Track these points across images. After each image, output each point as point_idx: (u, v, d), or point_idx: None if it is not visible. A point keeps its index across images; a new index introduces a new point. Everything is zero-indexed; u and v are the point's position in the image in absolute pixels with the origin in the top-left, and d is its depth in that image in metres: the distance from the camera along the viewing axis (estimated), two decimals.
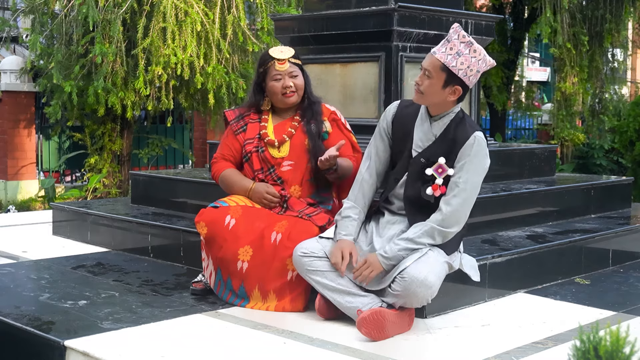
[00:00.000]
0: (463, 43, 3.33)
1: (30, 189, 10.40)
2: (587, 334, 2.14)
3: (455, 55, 3.32)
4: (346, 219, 3.56)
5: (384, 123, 3.61)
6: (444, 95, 3.37)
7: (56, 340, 3.20)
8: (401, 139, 3.54)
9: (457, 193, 3.36)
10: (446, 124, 3.44)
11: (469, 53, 3.33)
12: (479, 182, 3.41)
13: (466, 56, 3.32)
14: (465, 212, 3.40)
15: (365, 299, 3.44)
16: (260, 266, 3.73)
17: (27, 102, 10.55)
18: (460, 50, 3.32)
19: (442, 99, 3.38)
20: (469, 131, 3.39)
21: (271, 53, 3.98)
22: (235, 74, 8.89)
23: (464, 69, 3.32)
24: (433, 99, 3.40)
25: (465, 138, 3.38)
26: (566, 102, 11.47)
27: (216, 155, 4.12)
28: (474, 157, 3.36)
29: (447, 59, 3.32)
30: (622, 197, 5.69)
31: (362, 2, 5.03)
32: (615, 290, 4.21)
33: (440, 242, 3.38)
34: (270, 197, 3.91)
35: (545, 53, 19.34)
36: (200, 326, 3.45)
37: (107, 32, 8.38)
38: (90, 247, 5.22)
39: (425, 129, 3.48)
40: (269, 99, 4.03)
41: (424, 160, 3.44)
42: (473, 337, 3.36)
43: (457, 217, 3.37)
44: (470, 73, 3.35)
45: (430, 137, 3.46)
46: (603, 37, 11.22)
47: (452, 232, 3.38)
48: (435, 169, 3.41)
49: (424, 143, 3.47)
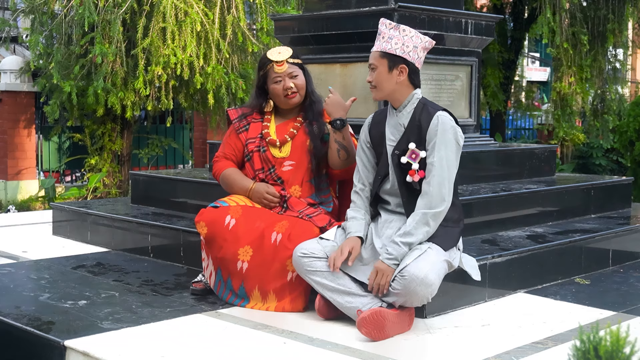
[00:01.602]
0: (391, 28, 3.56)
1: (30, 189, 10.40)
2: (587, 334, 2.13)
3: (387, 39, 3.55)
4: (352, 219, 3.61)
5: (363, 135, 3.74)
6: (393, 78, 3.53)
7: (56, 340, 3.20)
8: (379, 142, 3.66)
9: (435, 172, 3.43)
10: (410, 112, 3.56)
11: (399, 33, 3.54)
12: (452, 157, 3.48)
13: (397, 37, 3.54)
14: (448, 188, 3.45)
15: (365, 299, 3.44)
16: (260, 266, 3.73)
17: (27, 102, 10.55)
18: (390, 35, 3.55)
19: (393, 83, 3.54)
20: (432, 113, 3.52)
21: (269, 56, 3.98)
22: (234, 74, 8.89)
23: (400, 46, 3.52)
24: (387, 87, 3.55)
25: (429, 120, 3.50)
26: (562, 102, 11.46)
27: (218, 154, 4.11)
28: (441, 135, 3.46)
29: (383, 46, 3.55)
30: (622, 197, 5.69)
31: (362, 2, 5.03)
32: (615, 290, 4.21)
33: (435, 226, 3.41)
34: (270, 197, 3.91)
35: (545, 53, 19.33)
36: (200, 326, 3.45)
37: (107, 32, 8.38)
38: (90, 247, 5.22)
39: (393, 123, 3.60)
40: (273, 101, 4.04)
41: (398, 152, 3.54)
42: (473, 337, 3.36)
43: (441, 195, 3.41)
44: (408, 49, 3.52)
45: (399, 129, 3.57)
46: (605, 37, 11.21)
47: (441, 211, 3.41)
48: (409, 155, 3.51)
49: (395, 136, 3.59)
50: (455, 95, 5.30)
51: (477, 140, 5.43)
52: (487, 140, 5.60)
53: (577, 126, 12.85)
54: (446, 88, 5.25)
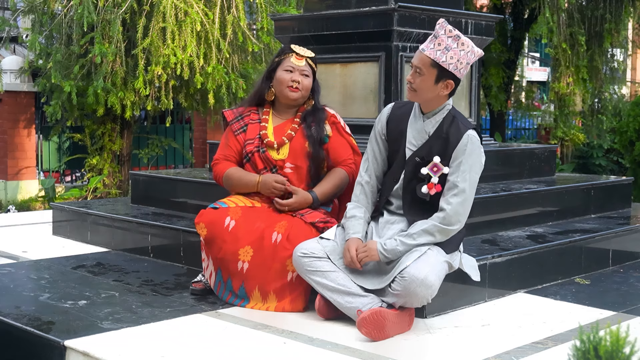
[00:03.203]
0: (450, 37, 3.37)
1: (30, 189, 10.40)
2: (587, 334, 2.13)
3: (444, 50, 3.36)
4: (352, 218, 3.58)
5: (379, 125, 3.64)
6: (437, 90, 3.42)
7: (56, 340, 3.20)
8: (396, 139, 3.57)
9: (457, 192, 3.38)
10: (439, 121, 3.48)
11: (457, 47, 3.37)
12: (476, 180, 3.45)
13: (455, 50, 3.37)
14: (466, 210, 3.42)
15: (365, 299, 3.44)
16: (260, 266, 3.73)
17: (27, 102, 10.55)
18: (448, 45, 3.36)
19: (435, 94, 3.43)
20: (462, 130, 3.43)
21: (292, 46, 4.02)
22: (235, 74, 8.88)
23: (454, 62, 3.37)
24: (426, 95, 3.44)
25: (458, 137, 3.41)
26: (560, 102, 11.47)
27: (217, 156, 4.11)
28: (469, 156, 3.39)
29: (437, 55, 3.37)
30: (622, 197, 5.69)
31: (362, 2, 5.03)
32: (615, 290, 4.21)
33: (439, 240, 3.40)
34: (279, 186, 3.87)
35: (545, 53, 19.33)
36: (200, 326, 3.45)
37: (106, 32, 8.38)
38: (90, 247, 5.22)
39: (418, 127, 3.52)
40: (274, 90, 4.03)
41: (418, 159, 3.48)
42: (473, 337, 3.36)
43: (458, 215, 3.39)
44: (461, 66, 3.39)
45: (423, 135, 3.50)
46: (603, 37, 11.21)
47: (453, 229, 3.40)
48: (431, 168, 3.45)
49: (417, 141, 3.51)
50: (455, 95, 5.29)
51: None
52: (487, 140, 5.60)
53: (577, 126, 12.85)
54: None
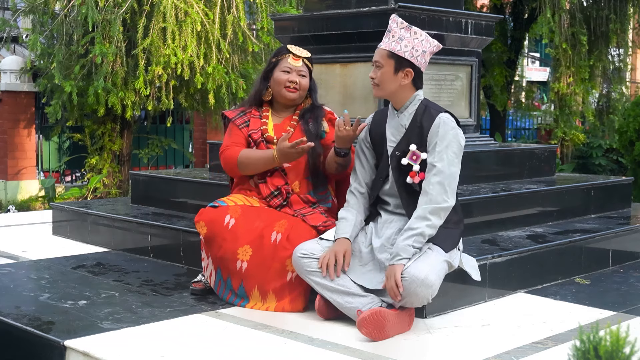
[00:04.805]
0: (402, 29, 3.54)
1: (30, 189, 10.40)
2: (587, 334, 2.13)
3: (397, 40, 3.52)
4: (342, 220, 3.62)
5: (363, 135, 3.72)
6: (398, 80, 3.52)
7: (56, 340, 3.20)
8: (379, 142, 3.66)
9: (436, 172, 3.43)
10: (412, 113, 3.56)
11: (410, 35, 3.53)
12: (454, 158, 3.47)
13: (408, 39, 3.52)
14: (450, 187, 3.43)
15: (365, 299, 3.44)
16: (259, 266, 3.73)
17: (27, 102, 10.55)
18: (401, 36, 3.53)
19: (397, 84, 3.53)
20: (434, 115, 3.52)
21: (289, 47, 4.03)
22: (235, 74, 8.89)
23: (409, 50, 3.51)
24: (389, 87, 3.55)
25: (431, 121, 3.50)
26: (561, 102, 11.47)
27: (224, 145, 4.02)
28: (443, 137, 3.46)
29: (392, 46, 3.53)
30: (622, 197, 5.69)
31: (362, 2, 5.03)
32: (615, 290, 4.21)
33: (436, 221, 3.38)
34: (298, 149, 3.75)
35: (545, 53, 19.34)
36: (200, 326, 3.45)
37: (107, 32, 8.38)
38: (90, 247, 5.22)
39: (394, 124, 3.60)
40: (272, 90, 4.03)
41: (399, 153, 3.55)
42: (473, 337, 3.36)
43: (442, 193, 3.40)
44: (417, 53, 3.52)
45: (400, 130, 3.57)
46: (608, 38, 11.21)
47: (443, 207, 3.40)
48: (410, 157, 3.52)
49: (396, 137, 3.58)
50: (455, 95, 5.30)
51: (477, 140, 5.43)
52: (487, 140, 5.60)
53: (577, 126, 12.84)
54: (446, 88, 5.25)
